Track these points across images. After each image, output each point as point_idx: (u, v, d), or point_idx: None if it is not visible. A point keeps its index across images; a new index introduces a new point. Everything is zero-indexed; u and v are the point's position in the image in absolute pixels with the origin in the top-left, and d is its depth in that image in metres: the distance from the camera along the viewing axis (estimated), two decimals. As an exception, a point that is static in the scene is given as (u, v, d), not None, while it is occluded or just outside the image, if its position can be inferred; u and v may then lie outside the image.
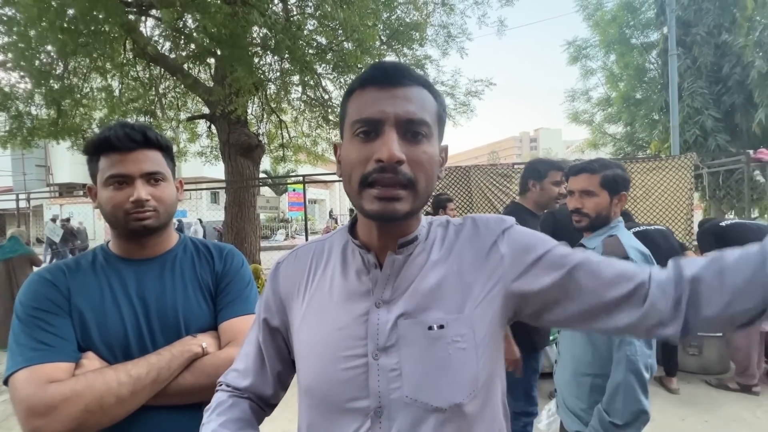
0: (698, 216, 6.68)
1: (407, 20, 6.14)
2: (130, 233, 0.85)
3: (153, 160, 0.85)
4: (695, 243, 3.83)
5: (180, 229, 13.56)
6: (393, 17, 6.06)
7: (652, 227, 3.17)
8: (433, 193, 3.01)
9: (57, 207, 17.54)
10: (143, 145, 0.84)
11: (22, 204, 8.50)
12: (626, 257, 1.22)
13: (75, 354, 0.76)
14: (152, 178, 0.84)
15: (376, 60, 5.70)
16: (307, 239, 7.17)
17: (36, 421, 0.67)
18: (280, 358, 0.68)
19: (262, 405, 0.68)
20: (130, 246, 0.88)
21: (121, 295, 0.83)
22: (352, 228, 0.64)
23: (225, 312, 0.88)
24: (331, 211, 23.96)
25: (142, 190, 0.82)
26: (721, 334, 3.29)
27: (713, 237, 2.97)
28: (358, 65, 5.01)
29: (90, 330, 0.79)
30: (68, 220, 12.51)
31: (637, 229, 2.99)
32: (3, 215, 18.48)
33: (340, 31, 4.97)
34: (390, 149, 0.50)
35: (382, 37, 5.96)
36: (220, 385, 0.69)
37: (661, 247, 2.71)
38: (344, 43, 5.11)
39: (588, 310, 0.55)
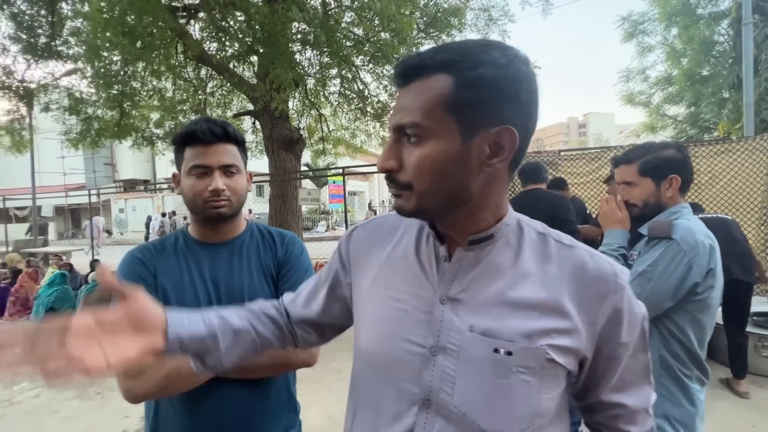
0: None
1: (445, 6, 5.97)
2: (206, 219, 0.93)
3: (230, 153, 0.92)
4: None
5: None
6: (431, 4, 5.92)
7: (712, 215, 2.89)
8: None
9: (122, 201, 19.21)
10: (223, 139, 0.91)
11: (93, 199, 9.38)
12: (669, 237, 1.15)
13: None
14: (228, 169, 0.92)
15: (413, 50, 5.61)
16: (347, 230, 7.28)
17: (128, 382, 0.78)
18: (327, 311, 0.71)
19: (292, 337, 0.73)
20: (205, 231, 0.96)
21: (196, 276, 0.92)
22: None
23: None
24: (370, 203, 24.16)
25: (219, 181, 0.89)
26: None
27: None
28: (395, 55, 4.96)
29: (171, 305, 0.88)
30: (173, 213, 14.27)
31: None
32: (78, 209, 20.55)
33: (377, 22, 4.94)
34: (379, 160, 0.54)
35: (420, 26, 5.84)
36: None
37: (720, 238, 2.47)
38: (381, 33, 5.07)
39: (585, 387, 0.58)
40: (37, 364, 0.45)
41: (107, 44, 4.51)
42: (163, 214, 15.01)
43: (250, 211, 15.92)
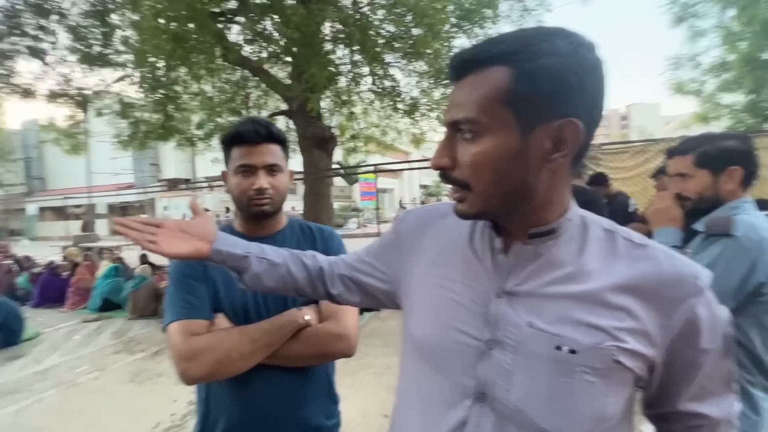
0: None
1: (478, -2, 5.82)
2: (251, 215, 0.99)
3: (274, 153, 0.97)
4: None
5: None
6: (464, -3, 5.80)
7: None
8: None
9: (166, 199, 20.31)
10: (267, 140, 0.96)
11: (141, 197, 10.00)
12: (729, 234, 1.07)
13: (210, 314, 0.91)
14: (272, 169, 0.96)
15: (446, 44, 5.52)
16: (379, 228, 7.33)
17: (184, 365, 0.83)
18: (366, 282, 0.74)
19: (324, 288, 0.76)
20: (249, 225, 1.02)
21: None
22: None
23: None
24: (401, 201, 24.12)
25: (263, 180, 0.94)
26: None
27: None
28: (428, 51, 4.91)
29: (220, 296, 0.94)
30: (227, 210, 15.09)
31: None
32: (127, 206, 21.95)
33: (409, 18, 4.90)
34: (433, 158, 0.53)
35: (452, 19, 5.74)
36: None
37: None
38: (413, 29, 5.03)
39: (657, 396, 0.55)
40: (138, 238, 0.68)
41: (155, 50, 4.79)
42: (217, 215, 15.65)
43: (293, 208, 16.31)
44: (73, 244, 10.38)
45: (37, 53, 6.54)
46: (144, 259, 6.53)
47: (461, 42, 6.19)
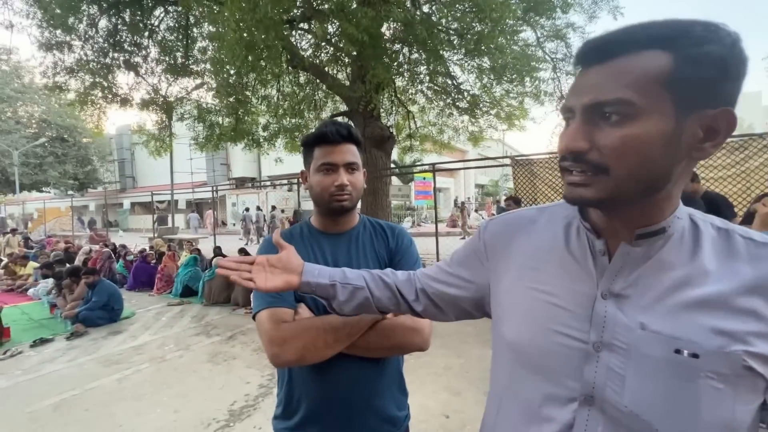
0: None
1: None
2: (330, 211, 1.04)
3: (352, 152, 1.02)
4: None
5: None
6: (530, -13, 5.54)
7: None
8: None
9: (234, 196, 21.96)
10: (347, 140, 1.01)
11: (213, 194, 10.92)
12: None
13: (294, 303, 0.97)
14: (351, 167, 1.01)
15: (511, 39, 5.31)
16: (436, 227, 7.29)
17: (275, 349, 0.88)
18: (452, 293, 0.74)
19: (407, 304, 0.78)
20: (327, 221, 1.07)
21: (321, 261, 1.03)
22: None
23: None
24: (456, 199, 23.61)
25: (344, 177, 0.99)
26: None
27: None
28: (491, 45, 4.77)
29: None
30: (259, 208, 16.02)
31: None
32: (200, 203, 24.07)
33: (472, 14, 4.80)
34: (565, 139, 0.50)
35: (518, 12, 5.53)
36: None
37: None
38: (477, 25, 4.92)
39: None
40: (236, 276, 0.74)
41: (230, 59, 5.20)
42: (258, 208, 16.39)
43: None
44: (158, 236, 11.64)
45: (131, 66, 7.42)
46: (218, 251, 7.13)
47: (527, 35, 5.92)
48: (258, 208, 16.61)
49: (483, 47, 4.73)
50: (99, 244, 10.75)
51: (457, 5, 4.92)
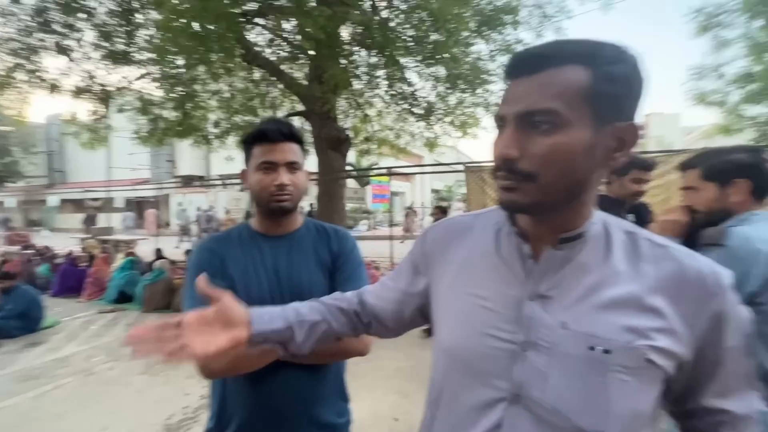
0: None
1: (498, 4, 5.82)
2: (270, 212, 1.00)
3: (294, 151, 0.99)
4: None
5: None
6: (483, 2, 5.80)
7: None
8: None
9: (180, 195, 20.67)
10: (288, 138, 0.98)
11: (156, 192, 10.20)
12: (720, 245, 1.10)
13: None
14: (292, 166, 0.98)
15: (464, 50, 5.52)
16: (390, 231, 7.35)
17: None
18: (397, 310, 0.74)
19: (365, 327, 0.77)
20: (267, 223, 1.03)
21: (260, 265, 0.98)
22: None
23: (342, 288, 0.98)
24: (411, 205, 23.92)
25: (284, 176, 0.96)
26: None
27: None
28: (446, 55, 4.92)
29: (238, 293, 0.94)
30: (210, 209, 15.13)
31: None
32: (142, 201, 22.39)
33: (429, 23, 4.91)
34: (499, 147, 0.52)
35: (472, 25, 5.75)
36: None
37: None
38: (433, 34, 5.04)
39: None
40: (161, 350, 0.58)
41: (176, 49, 4.89)
42: (198, 209, 15.41)
43: (311, 205, 16.17)
44: (91, 237, 10.64)
45: (63, 50, 6.73)
46: (159, 254, 6.66)
47: (480, 48, 6.18)
48: (198, 209, 15.67)
49: (438, 56, 4.86)
50: (18, 245, 9.61)
51: (414, 13, 5.01)
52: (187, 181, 21.78)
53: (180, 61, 6.21)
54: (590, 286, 0.54)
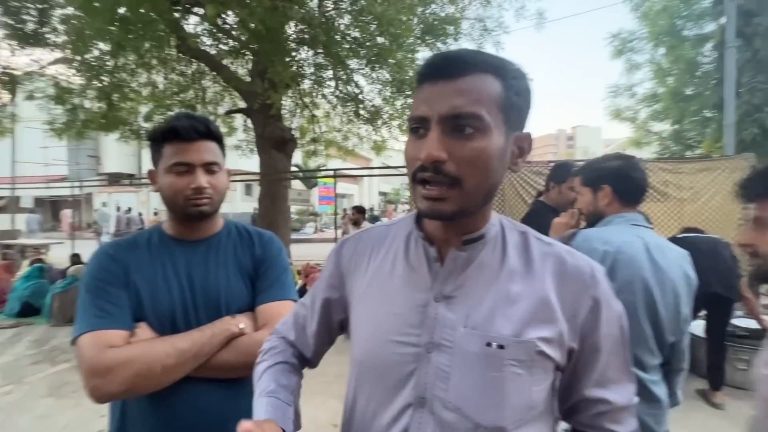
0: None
1: (442, 15, 6.04)
2: (186, 217, 0.91)
3: (212, 150, 0.91)
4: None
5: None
6: (427, 12, 5.98)
7: (705, 235, 3.05)
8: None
9: (105, 195, 18.76)
10: (205, 136, 0.89)
11: (75, 191, 9.14)
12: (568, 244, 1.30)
13: (130, 323, 0.83)
14: (210, 167, 0.90)
15: (409, 56, 5.64)
16: (335, 233, 7.27)
17: (96, 381, 0.74)
18: (325, 327, 0.72)
19: (302, 360, 0.74)
20: (182, 228, 0.94)
21: (171, 273, 0.89)
22: (419, 217, 0.63)
23: (263, 296, 0.93)
24: (345, 208, 23.77)
25: (202, 179, 0.88)
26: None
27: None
28: (391, 60, 4.99)
29: (143, 303, 0.86)
30: (129, 210, 13.45)
31: (682, 236, 3.00)
32: (58, 201, 19.97)
33: (374, 26, 4.96)
34: (427, 149, 0.50)
35: (416, 32, 5.91)
36: (272, 333, 0.77)
37: (704, 254, 2.58)
38: (378, 38, 5.09)
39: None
40: None
41: (96, 33, 4.42)
42: (117, 209, 13.76)
43: (255, 209, 14.97)
44: (-11, 241, 9.22)
45: (-44, 25, 5.80)
46: (76, 259, 5.95)
47: (424, 54, 6.36)
48: (118, 209, 14.00)
49: (383, 60, 4.91)
50: None
51: (360, 16, 5.02)
52: (114, 180, 19.81)
53: (103, 47, 5.64)
54: (489, 285, 0.56)
